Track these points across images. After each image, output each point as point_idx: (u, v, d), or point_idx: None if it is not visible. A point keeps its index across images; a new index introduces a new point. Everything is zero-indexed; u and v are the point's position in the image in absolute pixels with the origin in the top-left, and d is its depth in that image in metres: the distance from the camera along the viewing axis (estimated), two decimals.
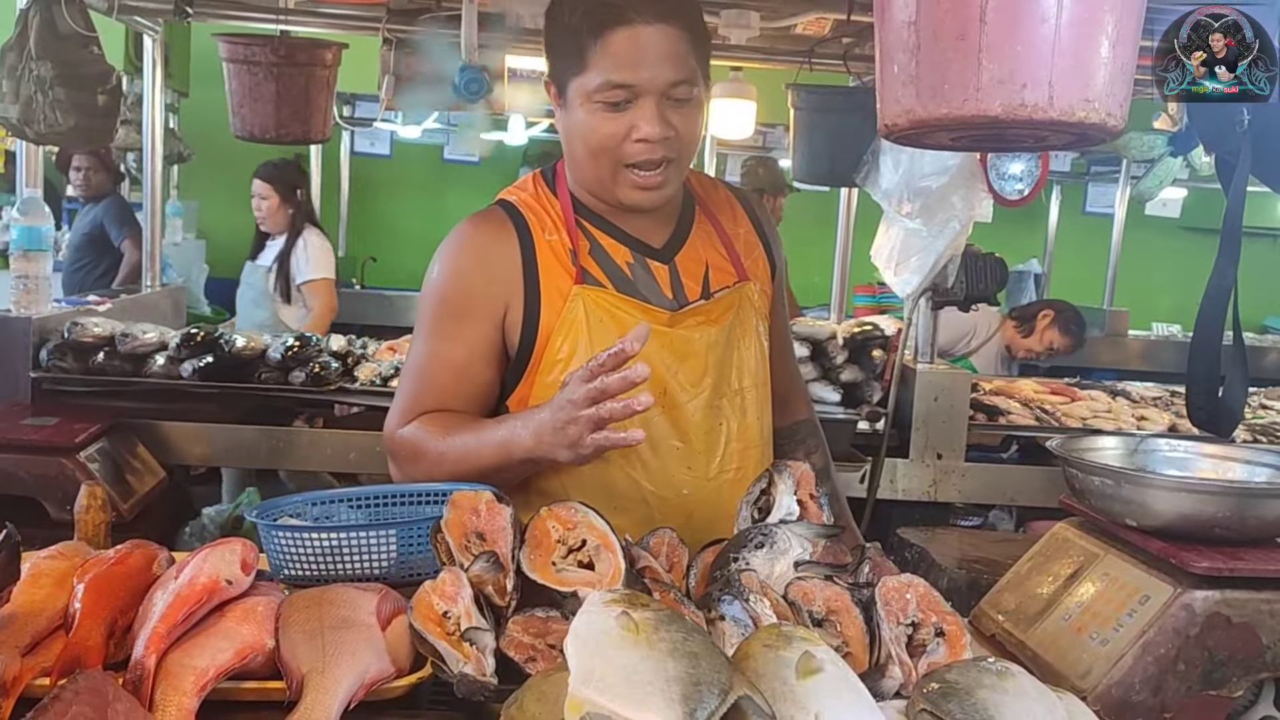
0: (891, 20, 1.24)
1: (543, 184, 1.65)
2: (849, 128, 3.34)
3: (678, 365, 1.59)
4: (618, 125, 1.48)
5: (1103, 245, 7.22)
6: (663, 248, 1.63)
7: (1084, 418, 3.38)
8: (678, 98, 1.49)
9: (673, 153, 1.50)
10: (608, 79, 1.46)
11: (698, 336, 1.60)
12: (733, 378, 1.64)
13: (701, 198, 1.71)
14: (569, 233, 1.59)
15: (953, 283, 3.00)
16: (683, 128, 1.50)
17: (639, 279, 1.60)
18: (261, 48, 3.20)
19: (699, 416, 1.60)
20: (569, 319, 1.56)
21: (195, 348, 2.91)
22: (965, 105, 1.17)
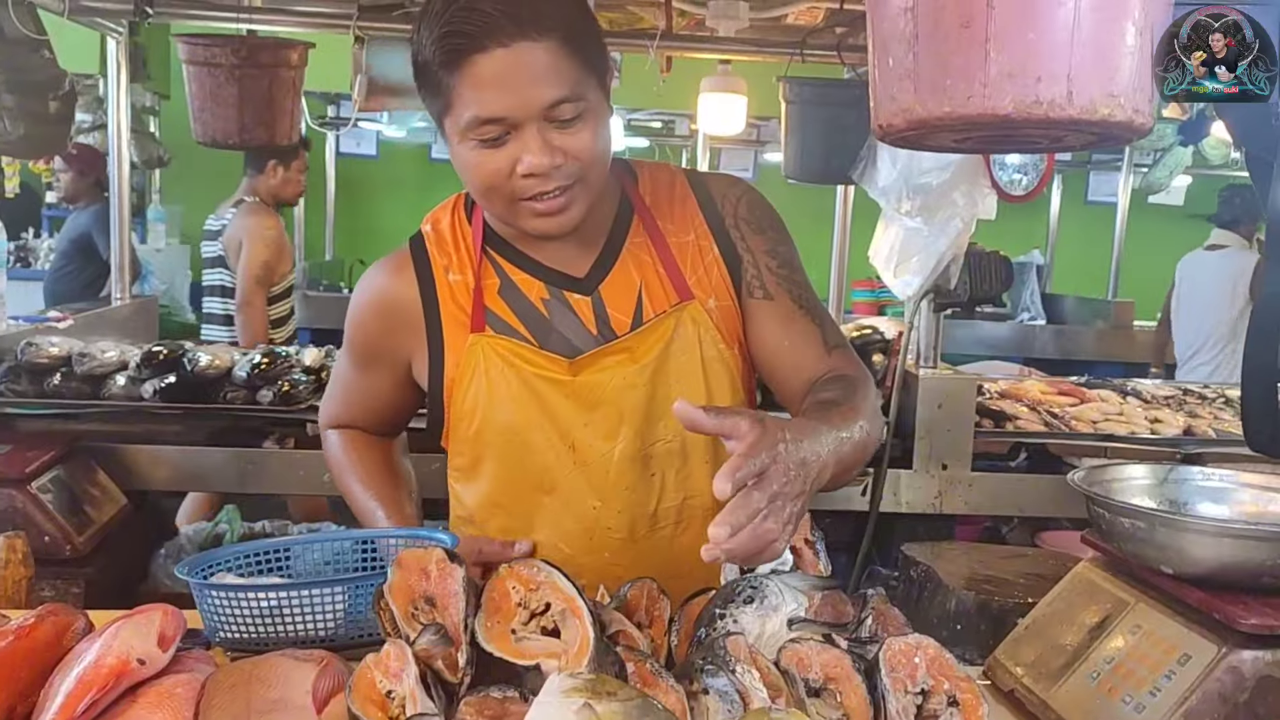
0: (886, 7, 1.09)
1: (461, 211, 1.50)
2: (844, 122, 3.19)
3: (586, 416, 1.42)
4: (500, 161, 1.29)
5: (1106, 235, 7.08)
6: (585, 277, 1.44)
7: (1095, 421, 3.23)
8: (561, 119, 1.28)
9: (568, 178, 1.31)
10: (474, 115, 1.27)
11: (609, 380, 1.41)
12: (665, 420, 1.42)
13: (645, 203, 1.48)
14: (475, 271, 1.45)
15: (956, 284, 2.85)
16: (575, 149, 1.30)
17: (555, 317, 1.43)
18: (222, 49, 3.05)
19: (616, 470, 1.43)
20: (468, 370, 1.43)
21: (157, 367, 2.76)
22: (971, 103, 1.02)
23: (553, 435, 1.42)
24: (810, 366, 1.44)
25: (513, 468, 1.45)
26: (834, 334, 1.48)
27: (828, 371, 1.42)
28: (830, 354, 1.45)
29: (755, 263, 1.47)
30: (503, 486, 1.47)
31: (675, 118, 6.91)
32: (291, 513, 3.65)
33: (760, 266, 1.48)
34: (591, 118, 1.31)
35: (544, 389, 1.41)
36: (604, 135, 1.35)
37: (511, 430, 1.43)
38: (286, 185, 4.32)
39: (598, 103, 1.33)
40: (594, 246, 1.45)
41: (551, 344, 1.43)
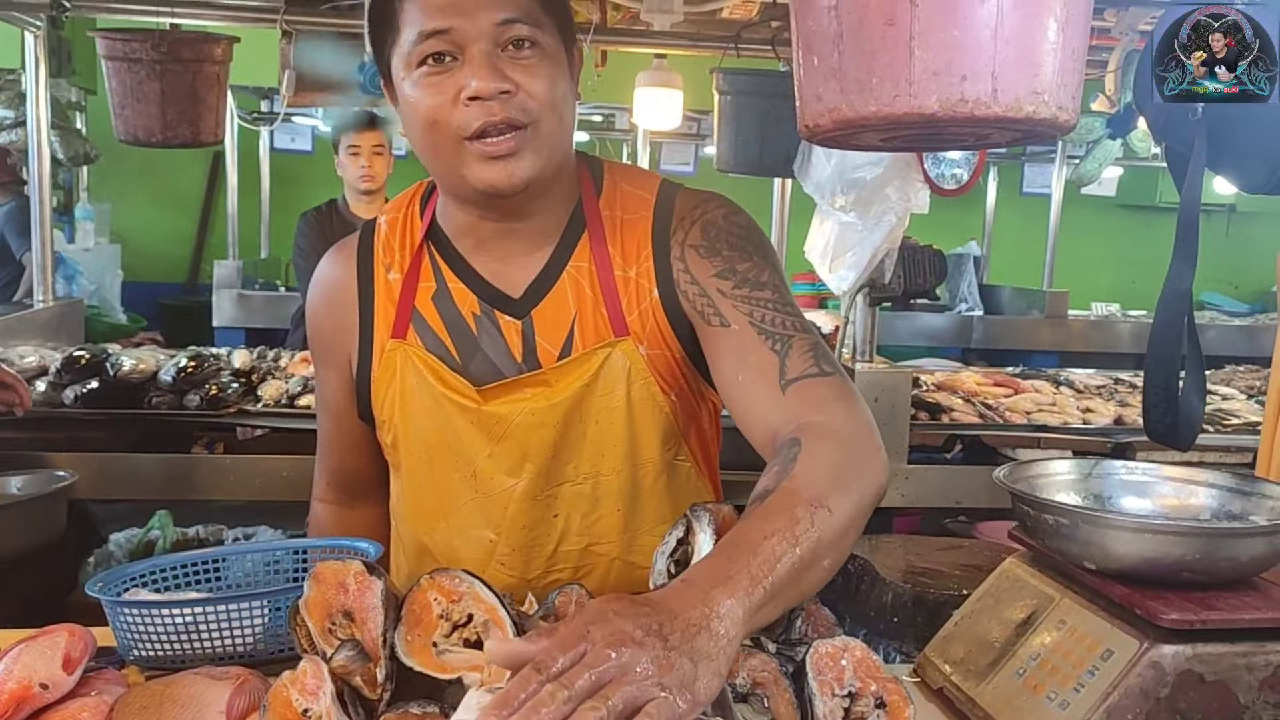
0: (810, 6, 1.07)
1: (416, 202, 1.41)
2: (778, 113, 3.19)
3: (491, 447, 1.34)
4: (444, 91, 1.18)
5: (1041, 226, 7.18)
6: (521, 298, 1.33)
7: (1028, 411, 3.27)
8: (514, 39, 1.18)
9: (520, 114, 1.18)
10: (420, 28, 1.17)
11: (516, 414, 1.32)
12: (577, 460, 1.34)
13: (601, 218, 1.35)
14: (411, 271, 1.37)
15: (890, 278, 2.86)
16: (527, 82, 1.18)
17: (483, 336, 1.34)
18: (142, 44, 2.95)
19: (516, 508, 1.35)
20: (386, 376, 1.37)
21: (79, 372, 2.68)
22: (897, 102, 1.01)
23: (458, 458, 1.35)
24: (763, 410, 1.22)
25: (419, 482, 1.40)
26: (798, 363, 1.22)
27: (787, 424, 1.18)
28: (785, 393, 1.21)
29: (704, 291, 1.30)
30: (410, 496, 1.44)
31: (615, 111, 6.88)
32: None
33: (711, 293, 1.30)
34: (547, 58, 1.21)
35: (452, 412, 1.34)
36: (562, 86, 1.23)
37: (420, 445, 1.37)
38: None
39: (555, 51, 1.23)
40: (536, 258, 1.33)
41: (474, 364, 1.34)
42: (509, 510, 1.35)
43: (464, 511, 1.36)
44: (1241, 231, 8.55)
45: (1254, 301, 8.39)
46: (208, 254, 7.84)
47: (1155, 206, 8.39)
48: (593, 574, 1.37)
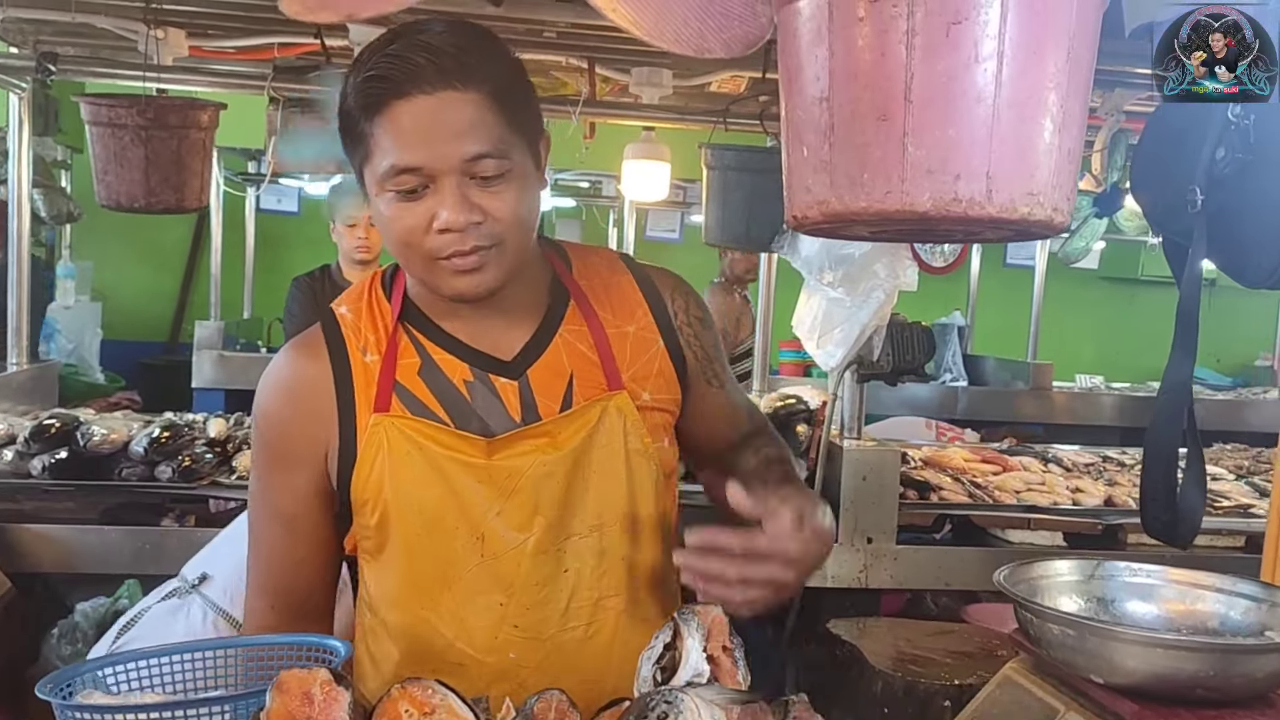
0: (800, 94, 1.05)
1: (379, 289, 1.42)
2: (765, 188, 3.18)
3: (501, 503, 1.33)
4: (417, 216, 1.24)
5: (1024, 297, 7.21)
6: (514, 360, 1.37)
7: (1017, 491, 3.23)
8: (483, 174, 1.24)
9: (487, 239, 1.25)
10: (391, 164, 1.22)
11: (526, 466, 1.33)
12: (584, 513, 1.36)
13: (581, 288, 1.43)
14: (388, 350, 1.35)
15: (879, 355, 2.83)
16: (496, 209, 1.24)
17: (477, 399, 1.35)
18: (127, 109, 2.94)
19: (528, 565, 1.34)
20: (370, 452, 1.33)
21: (48, 441, 2.62)
22: (889, 198, 0.98)
23: (461, 524, 1.32)
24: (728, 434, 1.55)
25: (415, 558, 1.35)
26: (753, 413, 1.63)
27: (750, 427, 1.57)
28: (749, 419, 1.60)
29: (706, 356, 1.49)
30: (403, 577, 1.37)
31: (602, 178, 6.91)
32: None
33: (710, 359, 1.50)
34: (515, 180, 1.27)
35: (455, 472, 1.32)
36: (528, 201, 1.29)
37: (416, 518, 1.33)
38: (736, 266, 5.28)
39: (523, 166, 1.28)
40: (524, 328, 1.39)
41: (469, 428, 1.34)
42: (521, 568, 1.34)
43: (470, 579, 1.34)
44: (1224, 306, 8.58)
45: (1236, 375, 8.42)
46: (190, 313, 7.80)
47: (1138, 279, 8.45)
48: (603, 630, 1.38)
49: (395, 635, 1.39)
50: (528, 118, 1.30)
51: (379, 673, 1.40)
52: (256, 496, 1.43)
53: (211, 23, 3.23)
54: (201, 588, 2.03)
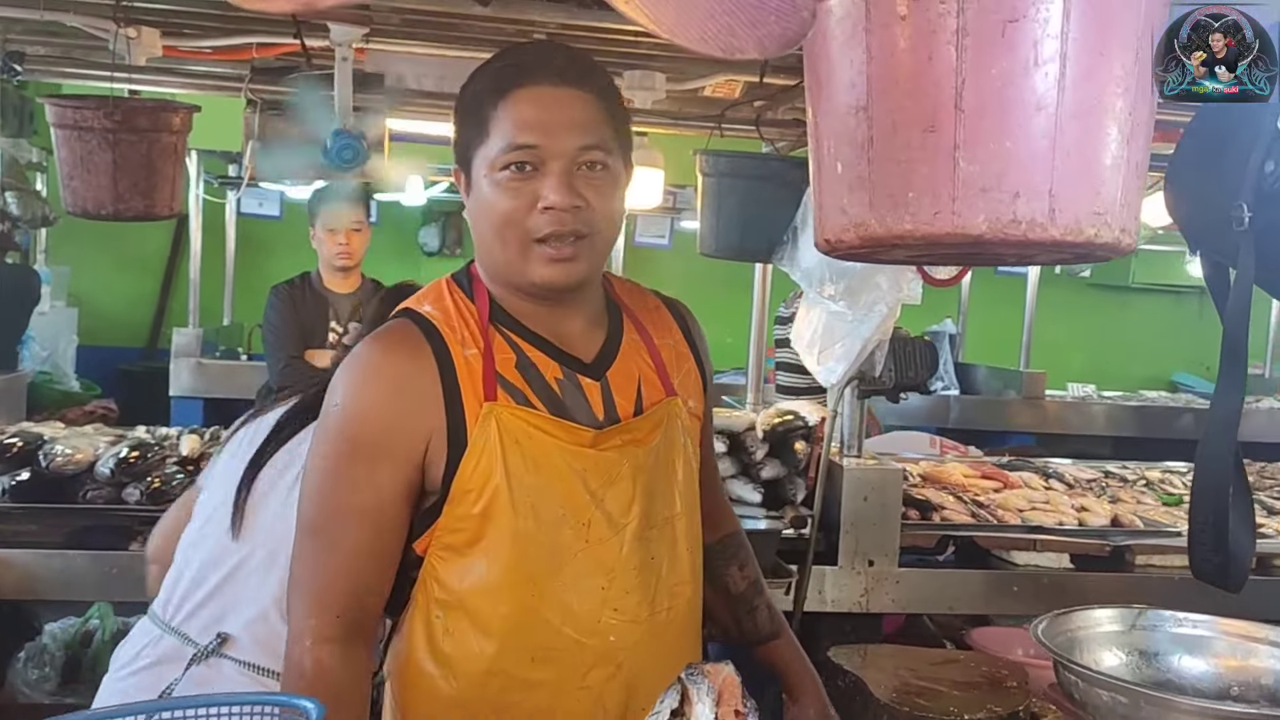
0: (833, 103, 0.93)
1: (458, 291, 1.46)
2: (761, 197, 3.07)
3: (604, 492, 1.41)
4: (522, 196, 1.35)
5: (1016, 305, 7.14)
6: (593, 362, 1.47)
7: (1021, 510, 3.13)
8: (589, 162, 1.36)
9: (585, 226, 1.36)
10: (510, 140, 1.34)
11: (625, 459, 1.43)
12: (662, 504, 1.47)
13: (627, 305, 1.56)
14: (485, 346, 1.41)
15: (881, 370, 2.72)
16: (595, 200, 1.36)
17: (569, 397, 1.43)
18: (94, 111, 2.80)
19: (627, 551, 1.42)
20: (480, 441, 1.36)
21: (9, 461, 2.48)
22: (938, 220, 0.87)
23: (569, 510, 1.39)
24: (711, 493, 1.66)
25: (525, 545, 1.37)
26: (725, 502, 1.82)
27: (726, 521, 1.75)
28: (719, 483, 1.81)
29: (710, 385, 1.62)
30: (508, 568, 1.37)
31: None
32: None
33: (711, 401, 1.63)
34: (612, 180, 1.39)
35: (565, 460, 1.39)
36: (619, 202, 1.42)
37: (528, 504, 1.37)
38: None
39: (618, 172, 1.41)
40: (597, 335, 1.49)
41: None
42: (621, 554, 1.41)
43: (576, 564, 1.39)
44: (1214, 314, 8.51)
45: None
46: (169, 319, 7.64)
47: (1129, 287, 8.39)
48: (679, 615, 1.49)
49: (490, 630, 1.37)
50: (626, 137, 1.44)
51: (456, 675, 1.38)
52: (330, 497, 1.37)
53: (186, 21, 3.10)
54: (226, 650, 1.78)
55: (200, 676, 1.79)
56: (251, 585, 1.80)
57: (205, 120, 4.92)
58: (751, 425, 2.95)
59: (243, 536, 1.81)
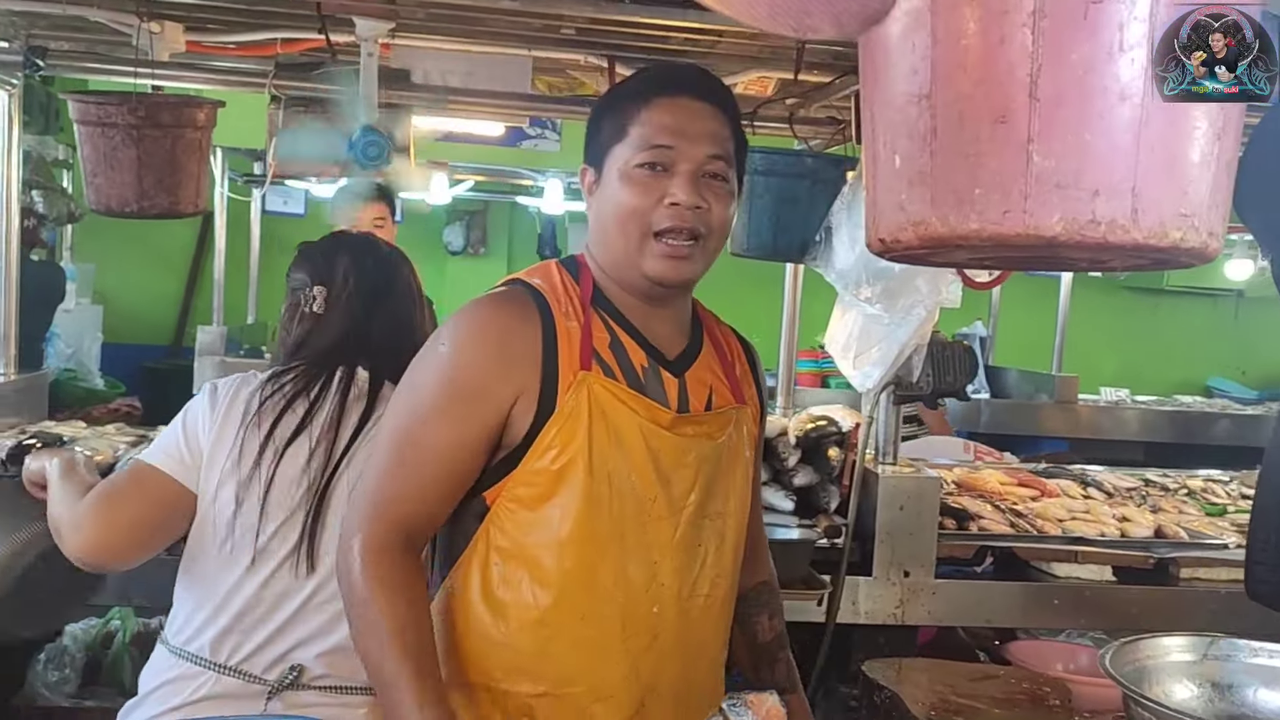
0: (891, 91, 0.86)
1: (565, 272, 1.58)
2: (796, 195, 3.00)
3: (671, 473, 1.52)
4: (651, 192, 1.48)
5: (1048, 307, 7.01)
6: (675, 360, 1.59)
7: (1060, 519, 3.03)
8: (713, 173, 1.49)
9: (703, 227, 1.49)
10: (648, 140, 1.48)
11: (693, 448, 1.54)
12: (717, 499, 1.58)
13: (707, 324, 1.69)
14: (585, 321, 1.52)
15: (918, 376, 2.64)
16: (714, 205, 1.49)
17: (650, 385, 1.54)
18: (118, 107, 2.76)
19: (680, 533, 1.53)
20: (569, 406, 1.47)
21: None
22: (1008, 220, 0.79)
23: (640, 482, 1.49)
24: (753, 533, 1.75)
25: (594, 508, 1.46)
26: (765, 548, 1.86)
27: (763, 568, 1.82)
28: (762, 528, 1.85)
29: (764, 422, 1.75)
30: (576, 525, 1.46)
31: None
32: None
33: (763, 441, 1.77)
34: (728, 193, 1.52)
35: (645, 435, 1.49)
36: (731, 213, 1.54)
37: (604, 470, 1.47)
38: None
39: (734, 185, 1.54)
40: (681, 338, 1.61)
41: None
42: (676, 533, 1.52)
43: (636, 535, 1.49)
44: (1250, 317, 8.40)
45: (1262, 389, 8.20)
46: (194, 317, 7.63)
47: (1163, 289, 8.25)
48: (714, 605, 1.59)
49: (548, 582, 1.46)
50: (743, 155, 1.58)
51: (508, 621, 1.47)
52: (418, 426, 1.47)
53: (210, 16, 3.05)
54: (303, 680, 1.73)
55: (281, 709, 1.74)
56: (326, 615, 1.74)
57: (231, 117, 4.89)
58: (784, 430, 2.87)
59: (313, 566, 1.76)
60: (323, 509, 1.79)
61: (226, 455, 1.80)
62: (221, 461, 1.79)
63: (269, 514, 1.77)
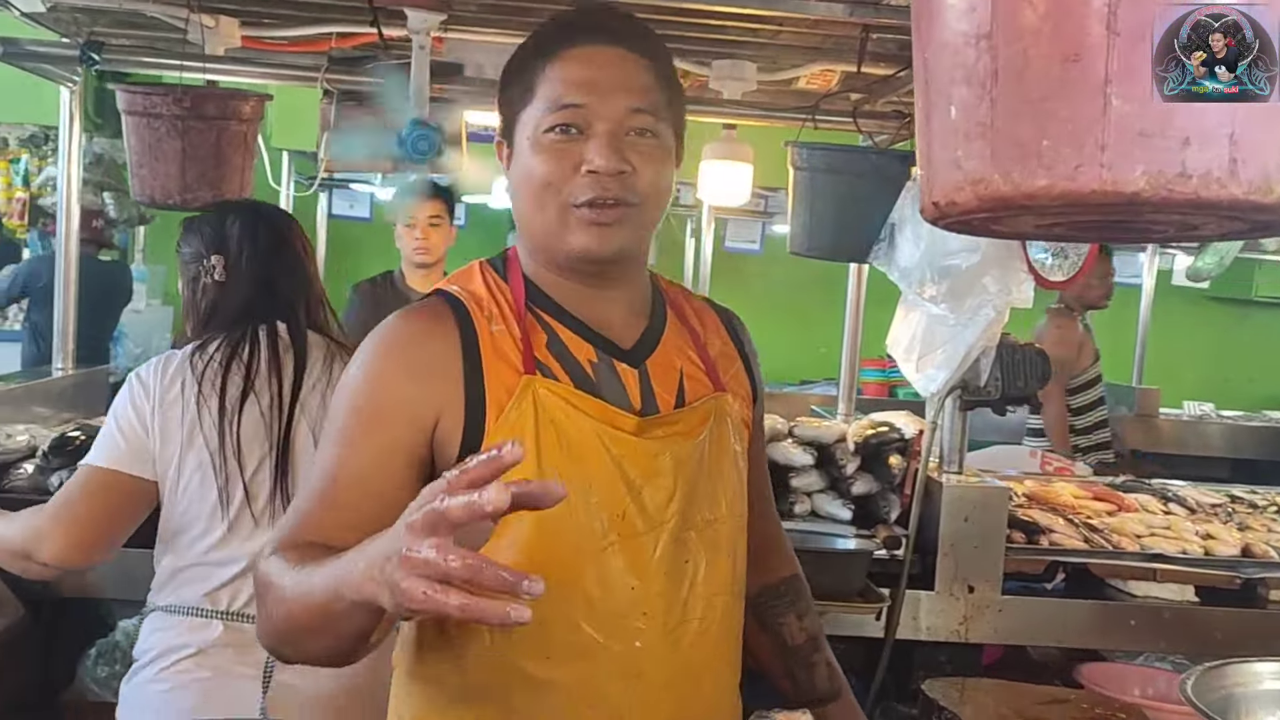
0: (945, 32, 0.75)
1: (491, 271, 1.39)
2: (859, 192, 2.87)
3: (642, 484, 1.30)
4: (566, 159, 1.28)
5: (1127, 318, 6.77)
6: (632, 349, 1.38)
7: (1139, 535, 2.86)
8: (638, 128, 1.29)
9: (629, 194, 1.28)
10: (556, 99, 1.28)
11: (667, 451, 1.32)
12: (704, 505, 1.35)
13: (672, 299, 1.48)
14: (521, 324, 1.33)
15: (986, 380, 2.50)
16: (642, 168, 1.28)
17: (603, 381, 1.33)
18: (163, 98, 2.74)
19: (662, 551, 1.31)
20: (512, 417, 1.27)
21: (70, 454, 2.41)
22: (1081, 175, 0.68)
23: (607, 498, 1.28)
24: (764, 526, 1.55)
25: (551, 532, 1.24)
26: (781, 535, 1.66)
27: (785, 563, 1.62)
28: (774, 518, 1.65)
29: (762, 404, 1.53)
30: (527, 554, 1.24)
31: (679, 186, 6.63)
32: None
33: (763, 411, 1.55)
34: (663, 152, 1.32)
35: (605, 446, 1.29)
36: (667, 176, 1.34)
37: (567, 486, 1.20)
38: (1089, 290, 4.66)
39: (668, 144, 1.33)
40: (638, 322, 1.40)
41: None
42: (656, 553, 1.31)
43: (606, 559, 1.28)
44: None
45: None
46: None
47: (1251, 300, 7.93)
48: (711, 627, 1.36)
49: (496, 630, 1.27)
50: (679, 108, 1.37)
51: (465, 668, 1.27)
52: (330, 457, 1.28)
53: (265, 10, 3.03)
54: None
55: None
56: None
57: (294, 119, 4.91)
58: (842, 436, 2.75)
59: None
60: (288, 457, 1.93)
61: (178, 430, 1.91)
62: (177, 438, 1.91)
63: (238, 474, 1.90)
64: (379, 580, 0.96)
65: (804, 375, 7.30)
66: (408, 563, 0.91)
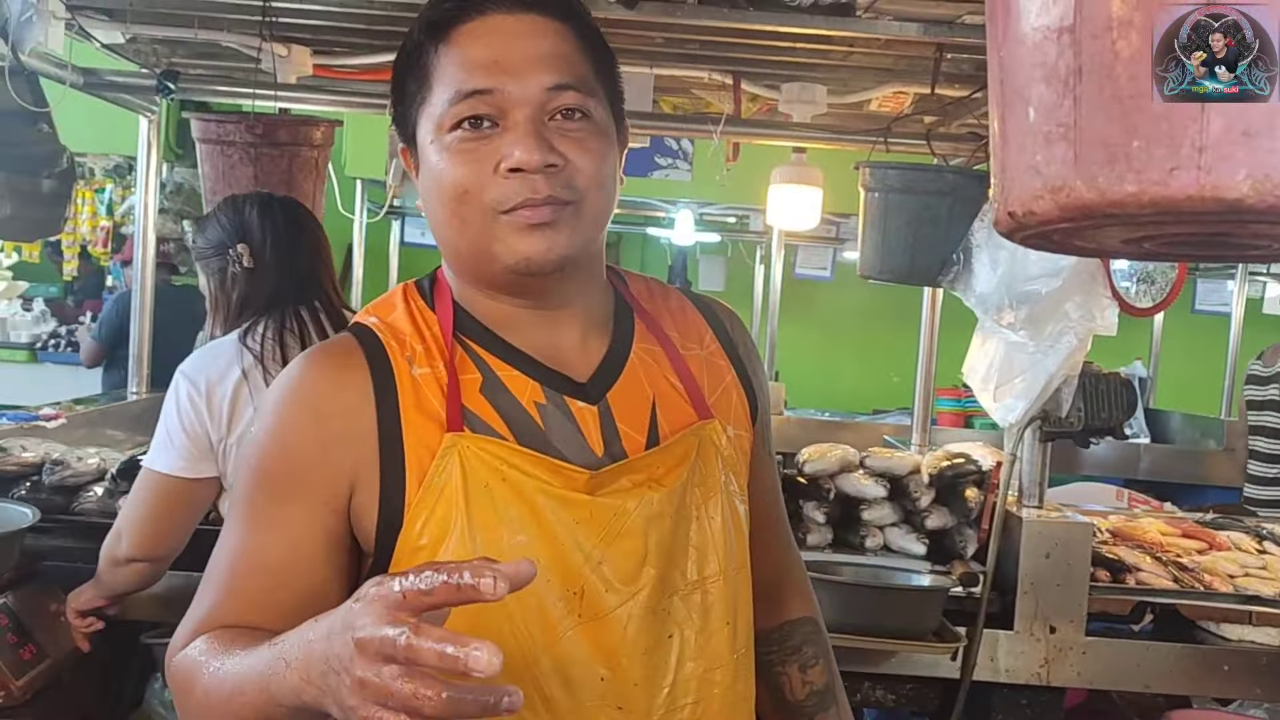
0: (1023, 27, 0.69)
1: (416, 297, 1.14)
2: (933, 213, 2.78)
3: (603, 551, 1.06)
4: (480, 160, 1.03)
5: (1215, 347, 6.54)
6: (589, 380, 1.12)
7: (1232, 575, 2.71)
8: (564, 108, 1.04)
9: (565, 190, 1.04)
10: (458, 88, 1.03)
11: (633, 507, 1.08)
12: (687, 564, 1.11)
13: (642, 305, 1.22)
14: (447, 363, 1.09)
15: (1068, 410, 2.39)
16: (576, 156, 1.04)
17: (552, 427, 1.09)
18: (236, 125, 2.78)
19: (635, 627, 1.07)
20: (436, 485, 1.04)
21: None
22: (1177, 179, 0.61)
23: (555, 575, 1.04)
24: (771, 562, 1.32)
25: (489, 624, 1.00)
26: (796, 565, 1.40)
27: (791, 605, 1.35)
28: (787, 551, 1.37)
29: (766, 407, 1.27)
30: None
31: (749, 212, 6.59)
32: None
33: (768, 414, 1.28)
34: (598, 132, 1.07)
35: (551, 510, 1.05)
36: (611, 162, 1.09)
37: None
38: None
39: (606, 122, 1.09)
40: (597, 346, 1.15)
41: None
42: (627, 632, 1.06)
43: (564, 647, 1.05)
44: None
45: None
46: None
47: None
48: (709, 710, 1.12)
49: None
50: (612, 72, 1.13)
51: None
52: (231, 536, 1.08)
53: (336, 39, 3.07)
54: None
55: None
56: None
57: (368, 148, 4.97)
58: (916, 468, 2.66)
59: None
60: None
61: (245, 411, 1.94)
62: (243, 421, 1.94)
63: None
64: (320, 688, 0.82)
65: (876, 405, 7.17)
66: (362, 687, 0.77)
